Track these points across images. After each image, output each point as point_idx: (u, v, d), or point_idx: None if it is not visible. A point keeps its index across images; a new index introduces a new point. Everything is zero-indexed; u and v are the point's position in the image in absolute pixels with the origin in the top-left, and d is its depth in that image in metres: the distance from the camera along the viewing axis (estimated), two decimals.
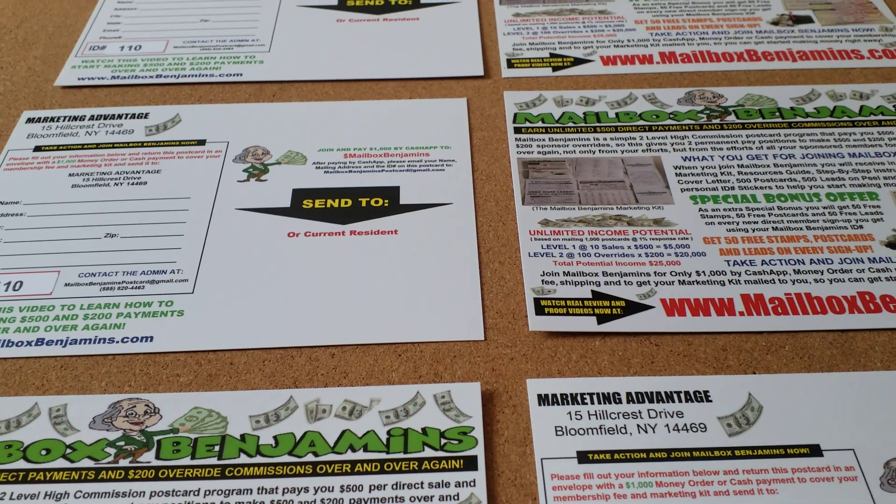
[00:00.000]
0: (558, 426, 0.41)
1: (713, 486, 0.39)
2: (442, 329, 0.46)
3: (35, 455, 0.40)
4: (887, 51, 0.64)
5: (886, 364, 0.44)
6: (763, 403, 0.42)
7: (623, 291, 0.47)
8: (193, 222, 0.52)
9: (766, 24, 0.67)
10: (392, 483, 0.39)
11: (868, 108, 0.59)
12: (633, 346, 0.45)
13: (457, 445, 0.40)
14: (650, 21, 0.68)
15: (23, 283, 0.48)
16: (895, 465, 0.39)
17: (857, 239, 0.50)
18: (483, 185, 0.54)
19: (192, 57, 0.65)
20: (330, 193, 0.54)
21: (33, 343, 0.45)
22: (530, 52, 0.65)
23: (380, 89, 0.62)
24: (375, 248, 0.50)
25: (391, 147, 0.57)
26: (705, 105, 0.59)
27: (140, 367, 0.45)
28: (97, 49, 0.66)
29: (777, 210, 0.52)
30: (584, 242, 0.50)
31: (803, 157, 0.55)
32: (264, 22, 0.68)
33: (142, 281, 0.48)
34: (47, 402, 0.43)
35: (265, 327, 0.46)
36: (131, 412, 0.42)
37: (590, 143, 0.57)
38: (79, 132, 0.58)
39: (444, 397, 0.42)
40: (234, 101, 0.61)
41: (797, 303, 0.46)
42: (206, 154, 0.57)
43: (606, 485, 0.39)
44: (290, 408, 0.42)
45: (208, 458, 0.40)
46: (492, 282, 0.48)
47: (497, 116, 0.59)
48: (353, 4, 0.71)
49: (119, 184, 0.54)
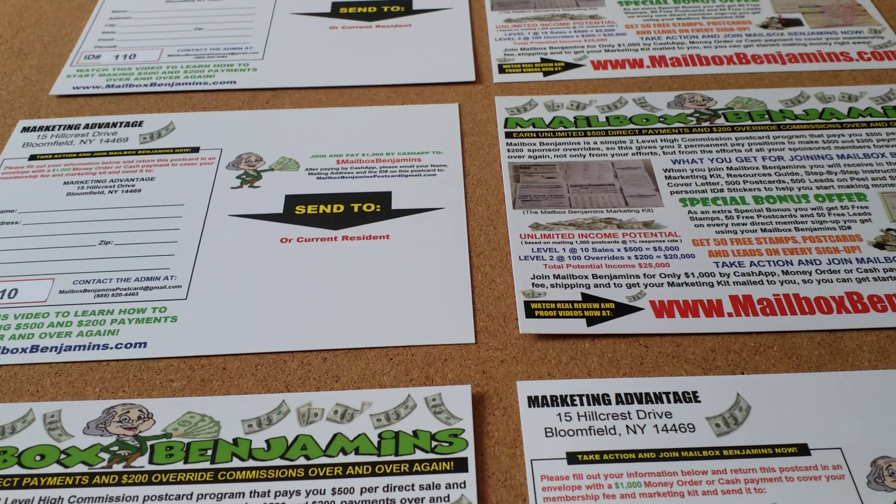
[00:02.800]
0: (548, 427, 0.41)
1: (701, 486, 0.39)
2: (433, 332, 0.46)
3: (30, 461, 0.41)
4: (876, 53, 0.65)
5: (874, 363, 0.44)
6: (751, 403, 0.42)
7: (613, 294, 0.47)
8: (187, 229, 0.52)
9: (755, 28, 0.68)
10: (383, 485, 0.39)
11: (856, 110, 0.59)
12: (622, 348, 0.45)
13: (447, 448, 0.41)
14: (640, 25, 0.68)
15: (18, 290, 0.49)
16: (882, 463, 0.40)
17: (845, 240, 0.50)
18: (474, 189, 0.55)
19: (185, 65, 0.65)
20: (322, 199, 0.54)
21: (28, 350, 0.46)
22: (521, 58, 0.65)
23: (372, 95, 0.62)
24: (367, 253, 0.51)
25: (383, 153, 0.57)
26: (695, 108, 0.60)
27: (134, 372, 0.45)
28: (92, 58, 0.66)
29: (766, 212, 0.52)
30: (575, 245, 0.50)
31: (792, 159, 0.56)
32: (258, 30, 0.69)
33: (136, 287, 0.49)
34: (42, 409, 0.43)
35: (258, 332, 0.46)
36: (125, 417, 0.42)
37: (580, 146, 0.57)
38: (74, 141, 0.59)
39: (435, 400, 0.43)
40: (228, 108, 0.62)
41: (785, 303, 0.47)
42: (200, 161, 0.57)
43: (596, 485, 0.39)
44: (282, 412, 0.43)
45: (201, 463, 0.40)
46: (483, 285, 0.49)
47: (488, 121, 0.60)
48: (346, 12, 0.71)
49: (113, 191, 0.55)
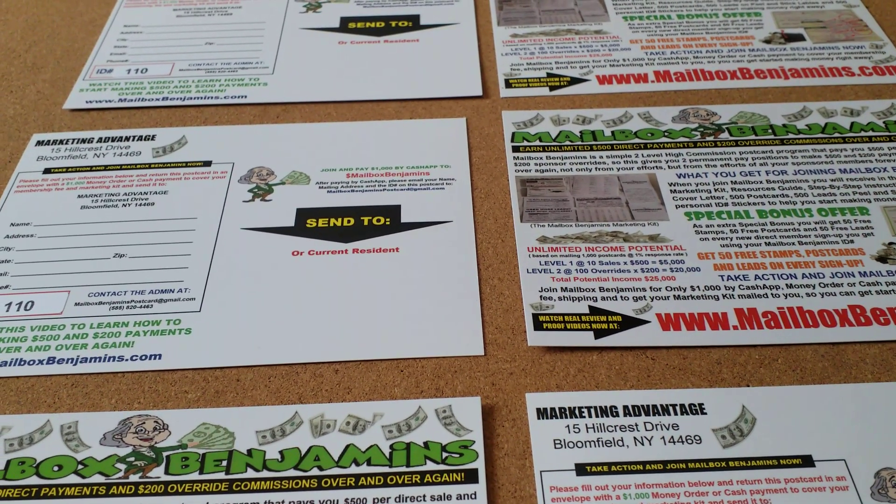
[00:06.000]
0: (557, 439, 0.42)
1: (708, 497, 0.40)
2: (443, 345, 0.47)
3: (47, 471, 0.41)
4: (877, 68, 0.66)
5: (877, 376, 0.45)
6: (756, 415, 0.43)
7: (619, 306, 0.48)
8: (200, 242, 0.53)
9: (758, 43, 0.69)
10: (395, 496, 0.40)
11: (858, 125, 0.60)
12: (629, 360, 0.46)
13: (458, 459, 0.41)
14: (645, 40, 0.69)
15: (34, 302, 0.50)
16: (885, 474, 0.40)
17: (848, 253, 0.51)
18: (482, 203, 0.56)
19: (197, 79, 0.66)
20: (333, 213, 0.55)
21: (45, 362, 0.47)
22: (528, 73, 0.66)
23: (381, 110, 0.63)
24: (377, 266, 0.51)
25: (392, 166, 0.58)
26: (699, 123, 0.61)
27: (149, 384, 0.46)
28: (104, 72, 0.67)
29: (770, 225, 0.53)
30: (582, 259, 0.51)
31: (795, 174, 0.56)
32: (268, 45, 0.70)
33: (150, 300, 0.50)
34: (59, 420, 0.44)
35: (271, 344, 0.47)
36: (141, 428, 0.43)
37: (586, 160, 0.58)
38: (87, 154, 0.60)
39: (446, 412, 0.43)
40: (239, 122, 0.63)
41: (789, 316, 0.48)
42: (212, 175, 0.58)
43: (604, 496, 0.40)
44: (295, 423, 0.43)
45: (216, 473, 0.41)
46: (491, 298, 0.50)
47: (495, 135, 0.61)
48: (355, 27, 0.72)
49: (127, 205, 0.56)
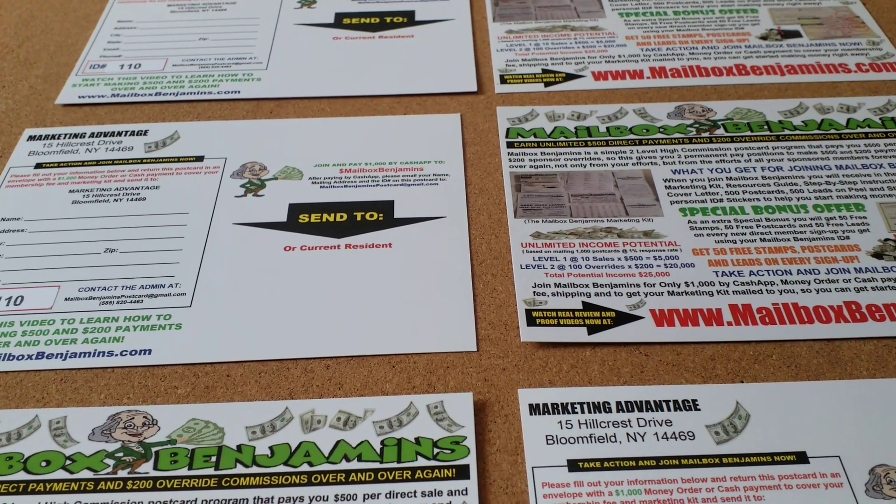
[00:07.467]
0: (549, 435, 0.42)
1: (701, 494, 0.39)
2: (435, 340, 0.47)
3: (35, 466, 0.41)
4: (874, 64, 0.65)
5: (872, 372, 0.45)
6: (750, 412, 0.43)
7: (613, 302, 0.48)
8: (191, 237, 0.53)
9: (755, 39, 0.68)
10: (386, 492, 0.40)
11: (855, 121, 0.60)
12: (622, 356, 0.46)
13: (449, 455, 0.41)
14: (641, 37, 0.69)
15: (23, 297, 0.49)
16: (880, 471, 0.40)
17: (843, 249, 0.51)
18: (476, 198, 0.55)
19: (190, 75, 0.66)
20: (326, 208, 0.55)
21: (34, 357, 0.46)
22: (523, 68, 0.66)
23: (375, 105, 0.63)
24: (370, 262, 0.51)
25: (386, 162, 0.58)
26: (695, 119, 0.60)
27: (138, 379, 0.45)
28: (97, 67, 0.67)
29: (765, 221, 0.52)
30: (575, 254, 0.50)
31: (791, 170, 0.56)
32: (262, 40, 0.70)
33: (140, 295, 0.49)
34: (47, 415, 0.43)
35: (261, 340, 0.47)
36: (129, 424, 0.43)
37: (581, 156, 0.58)
38: (79, 149, 0.59)
39: (437, 407, 0.43)
40: (232, 117, 0.62)
41: (784, 312, 0.47)
42: (205, 170, 0.58)
43: (596, 493, 0.39)
44: (285, 419, 0.43)
45: (205, 469, 0.41)
46: (484, 293, 0.49)
47: (490, 131, 0.60)
48: (349, 22, 0.72)
49: (118, 199, 0.55)
